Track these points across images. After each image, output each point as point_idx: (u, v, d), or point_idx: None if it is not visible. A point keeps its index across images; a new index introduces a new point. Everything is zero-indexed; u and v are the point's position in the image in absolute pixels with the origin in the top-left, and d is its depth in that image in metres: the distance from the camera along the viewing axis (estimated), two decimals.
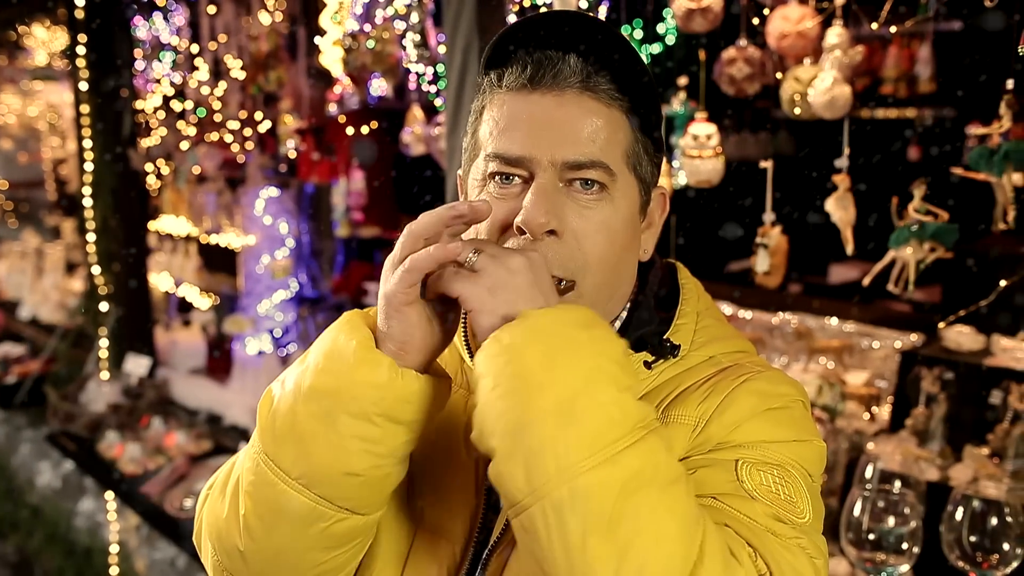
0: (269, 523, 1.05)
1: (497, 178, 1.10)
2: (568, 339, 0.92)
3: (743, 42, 2.62)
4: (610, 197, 1.09)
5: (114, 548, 4.12)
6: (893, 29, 2.36)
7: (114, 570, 4.07)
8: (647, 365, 1.14)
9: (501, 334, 0.93)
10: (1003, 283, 2.31)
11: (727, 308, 3.32)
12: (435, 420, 1.07)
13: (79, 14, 4.87)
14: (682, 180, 2.78)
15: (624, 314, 1.20)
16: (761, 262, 2.55)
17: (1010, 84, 2.10)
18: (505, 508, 0.93)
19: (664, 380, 1.14)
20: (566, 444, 0.86)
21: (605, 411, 0.89)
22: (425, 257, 0.96)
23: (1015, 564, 1.90)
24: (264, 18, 4.52)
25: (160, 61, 5.32)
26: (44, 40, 7.23)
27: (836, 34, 2.33)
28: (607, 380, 0.91)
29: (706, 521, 0.90)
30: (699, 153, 2.56)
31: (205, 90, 5.03)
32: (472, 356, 1.18)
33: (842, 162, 2.39)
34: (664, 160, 1.23)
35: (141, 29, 5.36)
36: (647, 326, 1.17)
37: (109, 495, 4.17)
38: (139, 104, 5.39)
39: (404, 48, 3.57)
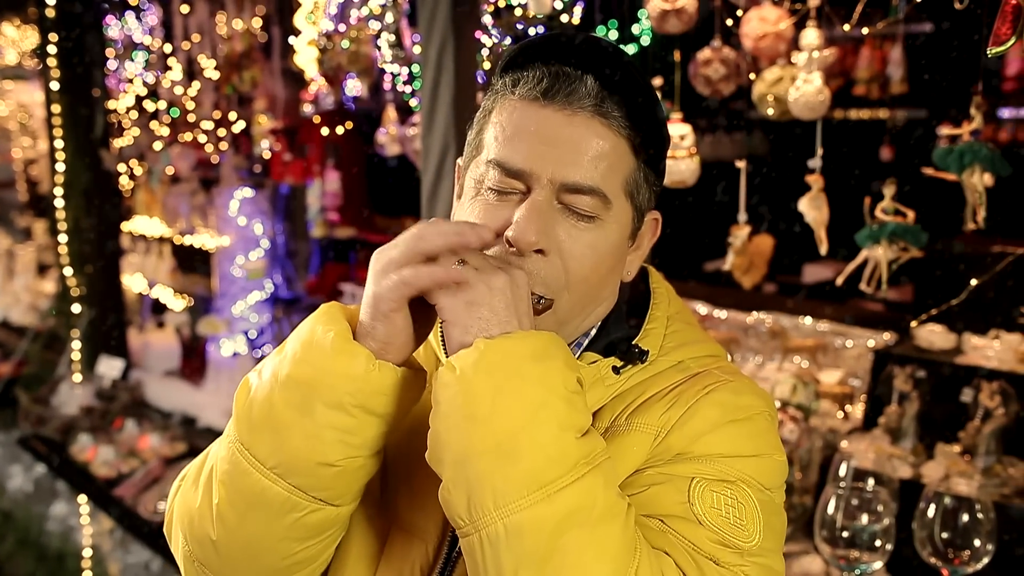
0: (242, 512, 1.05)
1: (495, 185, 1.10)
2: (517, 373, 0.94)
3: (717, 43, 2.63)
4: (602, 222, 1.09)
5: (87, 552, 4.08)
6: (865, 31, 2.38)
7: (87, 574, 4.03)
8: (615, 371, 1.13)
9: (457, 361, 0.95)
10: (974, 282, 2.34)
11: (702, 308, 3.33)
12: (410, 419, 1.08)
13: (50, 13, 4.82)
14: None
15: (599, 322, 1.19)
16: (728, 260, 2.57)
17: (981, 86, 2.12)
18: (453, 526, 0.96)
19: (631, 385, 1.14)
20: (504, 481, 0.90)
21: (544, 451, 0.91)
22: (428, 277, 0.97)
23: (986, 560, 1.92)
24: (238, 18, 4.49)
25: (133, 61, 5.28)
26: (14, 39, 7.15)
27: (814, 35, 2.35)
28: (550, 418, 0.93)
29: (641, 555, 0.93)
30: (673, 153, 2.57)
31: (178, 90, 5.00)
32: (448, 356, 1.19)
33: (815, 162, 2.40)
34: None
35: (113, 28, 5.32)
36: (617, 332, 1.17)
37: (82, 498, 4.14)
38: (111, 104, 5.34)
39: (379, 48, 3.56)
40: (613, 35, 3.09)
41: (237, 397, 1.07)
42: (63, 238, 5.08)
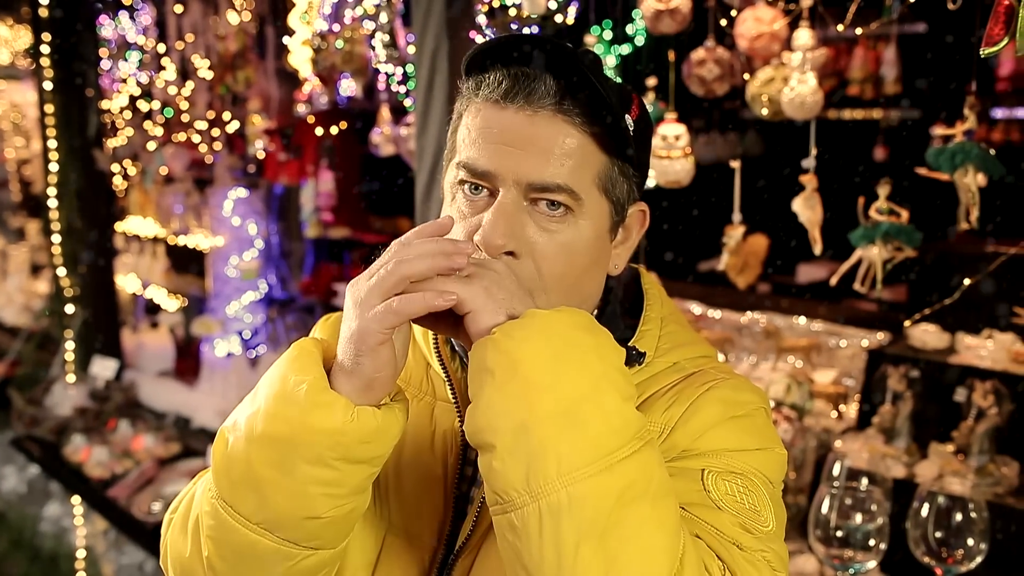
0: (233, 564, 1.03)
1: (465, 187, 1.10)
2: (575, 342, 0.93)
3: (711, 43, 2.63)
4: (575, 218, 1.08)
5: (81, 553, 4.07)
6: (859, 31, 2.38)
7: (81, 575, 4.02)
8: None
9: (511, 330, 0.92)
10: (967, 282, 2.34)
11: (696, 308, 3.34)
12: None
13: (43, 12, 4.81)
14: (650, 183, 2.79)
15: None
16: (722, 260, 2.58)
17: (974, 86, 2.13)
18: (491, 504, 0.92)
19: None
20: (569, 448, 0.87)
21: (608, 419, 0.90)
22: (420, 304, 0.94)
23: (979, 559, 1.93)
24: (232, 18, 4.48)
25: (126, 60, 5.26)
26: (7, 39, 7.14)
27: (808, 35, 2.35)
28: (612, 387, 0.92)
29: (685, 534, 0.91)
30: (668, 153, 2.57)
31: (172, 90, 4.98)
32: (442, 362, 1.18)
33: (809, 162, 2.41)
34: None
35: (107, 28, 5.31)
36: (614, 333, 1.17)
37: (76, 499, 4.13)
38: (105, 104, 5.33)
39: (373, 48, 3.56)
40: (607, 35, 3.09)
41: (214, 452, 1.04)
42: (56, 238, 5.07)
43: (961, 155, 2.11)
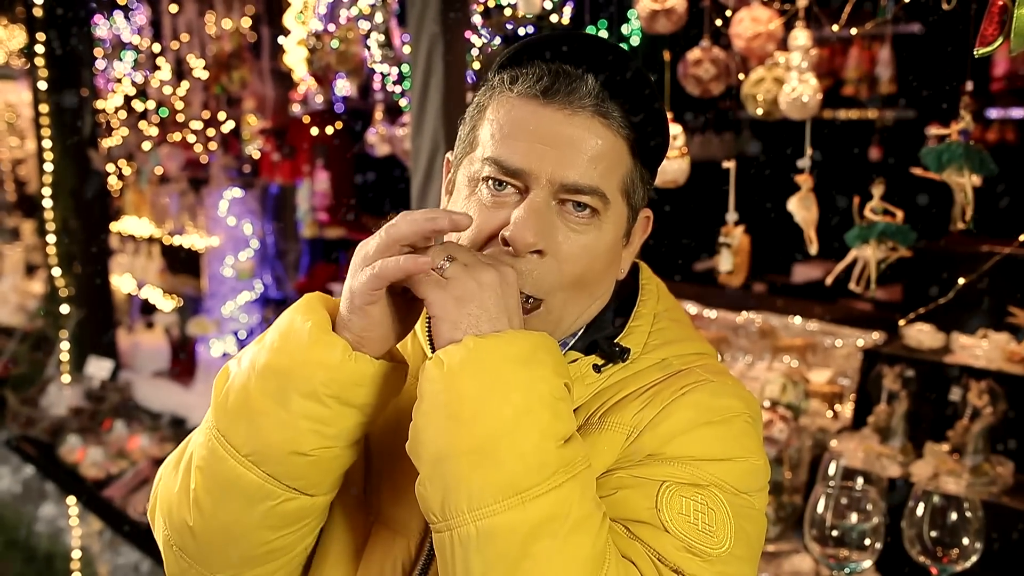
0: (218, 499, 1.05)
1: (491, 183, 1.08)
2: (504, 376, 0.93)
3: (707, 43, 2.64)
4: (600, 222, 1.08)
5: (76, 554, 4.07)
6: (854, 31, 2.39)
7: (77, 575, 4.02)
8: (596, 369, 1.13)
9: (444, 356, 0.95)
10: (962, 281, 2.35)
11: (692, 307, 3.34)
12: (393, 413, 1.08)
13: (38, 12, 4.80)
14: None
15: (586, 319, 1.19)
16: (724, 261, 2.57)
17: (969, 86, 2.13)
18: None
19: (612, 383, 1.13)
20: (481, 484, 0.90)
21: (523, 459, 0.91)
22: (395, 267, 0.96)
23: (974, 558, 1.93)
24: (227, 18, 4.48)
25: (121, 60, 5.26)
26: (2, 38, 7.12)
27: (806, 36, 2.35)
28: (532, 425, 0.93)
29: (609, 565, 0.92)
30: (666, 154, 2.57)
31: (167, 90, 4.98)
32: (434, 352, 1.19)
33: (805, 162, 2.41)
34: None
35: (101, 28, 5.30)
36: (602, 330, 1.17)
37: (71, 500, 4.12)
38: (100, 104, 5.32)
39: (368, 48, 3.56)
40: (603, 35, 3.09)
41: (216, 384, 1.08)
42: (51, 238, 5.06)
43: (947, 154, 2.12)
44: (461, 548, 0.91)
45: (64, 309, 5.07)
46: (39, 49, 4.86)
